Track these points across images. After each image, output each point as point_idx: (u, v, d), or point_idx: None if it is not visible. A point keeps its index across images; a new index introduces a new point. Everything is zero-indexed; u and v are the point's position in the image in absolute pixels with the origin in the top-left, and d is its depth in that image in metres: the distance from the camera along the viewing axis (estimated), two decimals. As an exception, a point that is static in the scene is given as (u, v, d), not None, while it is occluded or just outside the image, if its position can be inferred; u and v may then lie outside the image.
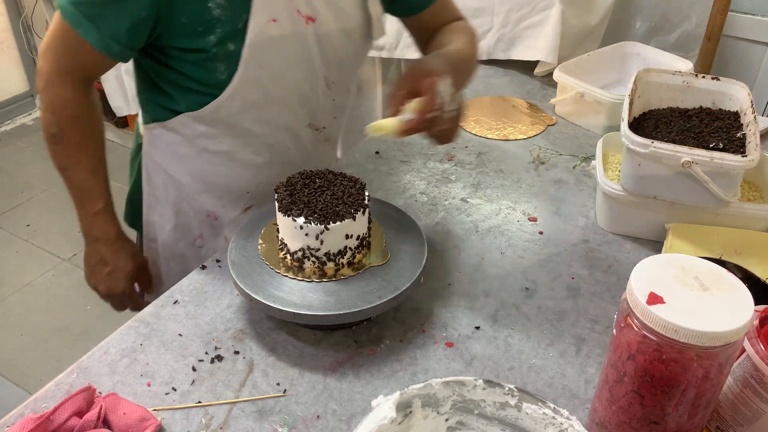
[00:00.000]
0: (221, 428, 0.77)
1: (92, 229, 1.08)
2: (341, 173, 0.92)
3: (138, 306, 1.15)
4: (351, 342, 0.89)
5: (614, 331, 0.65)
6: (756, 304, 0.61)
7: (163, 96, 1.02)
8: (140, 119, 1.12)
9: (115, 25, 0.88)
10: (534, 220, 1.13)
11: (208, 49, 0.91)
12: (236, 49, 0.92)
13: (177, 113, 1.02)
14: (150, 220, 1.15)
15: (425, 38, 1.14)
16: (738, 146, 1.00)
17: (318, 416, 0.79)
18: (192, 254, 1.16)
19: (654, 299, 0.60)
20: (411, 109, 0.84)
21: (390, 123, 0.84)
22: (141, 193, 1.14)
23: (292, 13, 0.94)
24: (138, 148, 1.13)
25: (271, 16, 0.92)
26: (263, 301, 0.83)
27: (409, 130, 0.83)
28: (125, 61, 0.95)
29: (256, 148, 1.07)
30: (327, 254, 0.87)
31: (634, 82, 1.12)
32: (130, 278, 1.13)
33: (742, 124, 1.06)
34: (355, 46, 1.05)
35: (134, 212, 1.18)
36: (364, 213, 0.88)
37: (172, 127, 1.04)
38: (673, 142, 1.01)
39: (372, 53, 1.86)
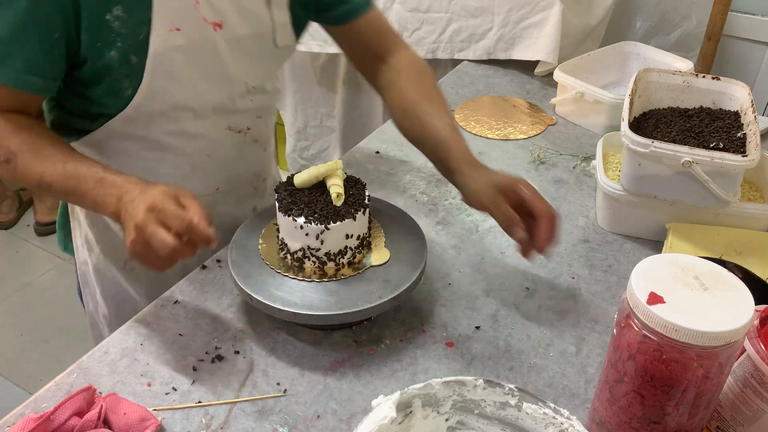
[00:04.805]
0: (221, 428, 0.77)
1: (110, 198, 0.80)
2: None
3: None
4: (351, 342, 0.89)
5: (614, 331, 0.65)
6: (756, 304, 0.61)
7: (74, 119, 0.95)
8: None
9: (30, 57, 0.81)
10: (534, 220, 1.13)
11: (111, 65, 0.85)
12: (138, 62, 0.86)
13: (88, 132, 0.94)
14: (77, 244, 1.09)
15: (359, 55, 1.08)
16: (738, 146, 1.00)
17: (318, 416, 0.79)
18: (125, 277, 1.09)
19: (654, 299, 0.60)
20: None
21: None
22: (69, 216, 1.09)
23: (198, 21, 0.89)
24: None
25: (174, 25, 0.86)
26: (263, 301, 0.83)
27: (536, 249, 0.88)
28: (52, 93, 0.88)
29: (173, 162, 1.00)
30: (327, 254, 0.87)
31: (634, 82, 1.12)
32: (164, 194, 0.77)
33: (742, 124, 1.06)
34: (270, 50, 1.01)
35: (66, 235, 1.11)
36: (364, 213, 0.88)
37: (83, 147, 0.95)
38: (674, 141, 1.01)
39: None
